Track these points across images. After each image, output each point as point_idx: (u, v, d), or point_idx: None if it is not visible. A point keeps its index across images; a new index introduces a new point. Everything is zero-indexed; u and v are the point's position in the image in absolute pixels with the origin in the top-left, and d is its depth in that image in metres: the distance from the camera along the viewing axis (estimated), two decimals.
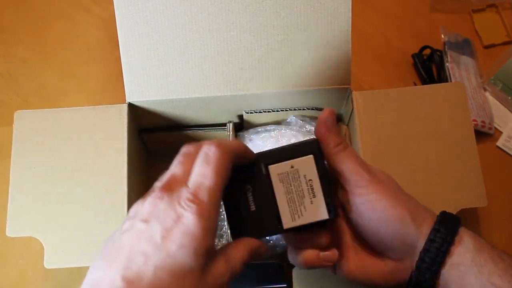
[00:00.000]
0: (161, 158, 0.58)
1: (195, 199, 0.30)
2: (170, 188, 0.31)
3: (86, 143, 0.47)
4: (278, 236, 0.47)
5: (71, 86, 0.67)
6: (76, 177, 0.46)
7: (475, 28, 0.70)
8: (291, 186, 0.34)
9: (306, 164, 0.34)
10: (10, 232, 0.46)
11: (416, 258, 0.35)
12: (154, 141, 0.56)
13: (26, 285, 0.57)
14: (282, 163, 0.34)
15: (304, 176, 0.34)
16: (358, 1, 0.50)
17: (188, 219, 0.29)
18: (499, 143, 0.63)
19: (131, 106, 0.49)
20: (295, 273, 0.43)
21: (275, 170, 0.34)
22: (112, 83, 0.67)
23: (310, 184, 0.34)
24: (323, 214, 0.34)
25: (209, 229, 0.30)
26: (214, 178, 0.31)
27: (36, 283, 0.57)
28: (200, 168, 0.32)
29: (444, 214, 0.36)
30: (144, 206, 0.31)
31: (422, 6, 0.71)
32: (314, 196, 0.34)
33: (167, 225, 0.29)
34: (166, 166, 0.57)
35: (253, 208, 0.35)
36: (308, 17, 0.47)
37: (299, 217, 0.34)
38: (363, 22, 0.69)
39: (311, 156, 0.34)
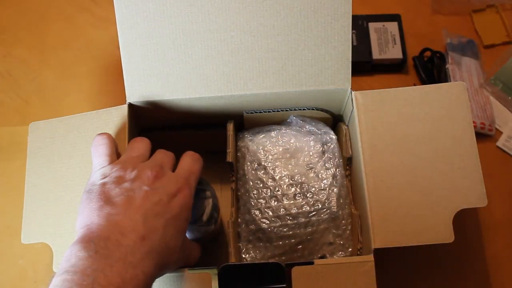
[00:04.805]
0: None
1: (188, 181, 0.41)
2: (163, 169, 0.41)
3: (90, 147, 0.47)
4: None
5: (71, 86, 0.67)
6: (82, 182, 0.47)
7: (475, 28, 0.70)
8: None
9: None
10: (24, 239, 0.47)
11: None
12: (154, 141, 0.56)
13: (26, 285, 0.57)
14: None
15: None
16: (358, 1, 0.50)
17: (186, 192, 0.40)
18: (499, 143, 0.63)
19: (132, 107, 0.49)
20: (295, 273, 0.43)
21: None
22: (112, 83, 0.67)
23: None
24: None
25: (191, 205, 0.41)
26: (198, 172, 0.44)
27: (36, 283, 0.57)
28: (190, 163, 0.43)
29: None
30: (146, 173, 0.39)
31: (423, 7, 0.71)
32: None
33: (171, 192, 0.39)
34: None
35: None
36: (308, 17, 0.47)
37: None
38: None
39: None
